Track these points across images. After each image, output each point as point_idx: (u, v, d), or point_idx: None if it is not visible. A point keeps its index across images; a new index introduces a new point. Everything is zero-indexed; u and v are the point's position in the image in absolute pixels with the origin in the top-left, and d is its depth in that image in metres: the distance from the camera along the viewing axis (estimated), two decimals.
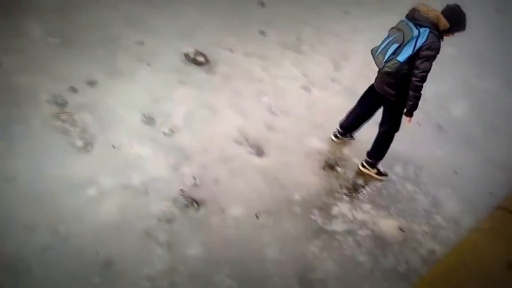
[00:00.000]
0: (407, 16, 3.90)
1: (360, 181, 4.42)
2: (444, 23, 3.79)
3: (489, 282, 3.49)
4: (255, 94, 5.02)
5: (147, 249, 3.43)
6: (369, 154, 4.52)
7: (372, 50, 4.04)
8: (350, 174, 4.46)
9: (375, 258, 3.82)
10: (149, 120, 4.33)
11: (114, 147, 3.99)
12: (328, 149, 4.64)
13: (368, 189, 4.37)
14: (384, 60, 3.89)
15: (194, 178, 3.99)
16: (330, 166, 4.48)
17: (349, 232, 3.95)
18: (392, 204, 4.31)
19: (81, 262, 3.18)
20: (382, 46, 3.93)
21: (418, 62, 3.78)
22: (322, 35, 6.32)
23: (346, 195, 4.24)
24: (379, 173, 4.53)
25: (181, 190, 3.87)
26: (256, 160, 4.33)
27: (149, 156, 4.03)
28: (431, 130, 5.36)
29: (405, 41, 3.79)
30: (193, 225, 3.68)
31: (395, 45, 3.83)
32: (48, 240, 3.20)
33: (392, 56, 3.85)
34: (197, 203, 3.82)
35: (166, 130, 4.31)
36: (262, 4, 6.52)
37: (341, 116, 4.85)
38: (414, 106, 3.96)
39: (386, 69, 3.91)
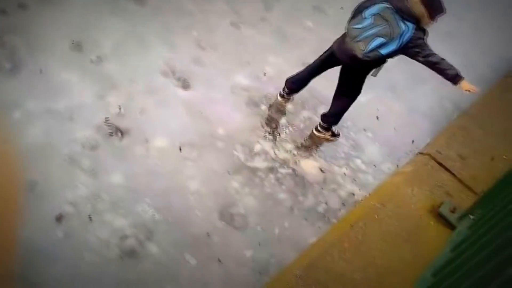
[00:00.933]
0: (392, 4, 3.66)
1: (283, 121, 4.52)
2: (426, 20, 3.71)
3: (408, 224, 3.65)
4: (184, 28, 5.00)
5: (71, 174, 3.47)
6: (326, 119, 4.45)
7: (348, 30, 3.83)
8: (274, 113, 4.55)
9: (295, 196, 3.97)
10: (77, 47, 4.28)
11: (41, 72, 3.94)
12: (254, 87, 4.71)
13: (290, 129, 4.47)
14: (366, 51, 3.73)
15: (120, 107, 4.00)
16: (254, 103, 4.56)
17: (271, 170, 4.07)
18: (313, 145, 4.44)
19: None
20: (364, 34, 3.71)
21: (420, 55, 3.79)
22: None
23: (269, 133, 4.35)
24: (333, 134, 4.55)
25: (106, 118, 3.89)
26: (182, 93, 4.37)
27: (76, 82, 4.00)
28: None
29: (392, 36, 3.66)
30: (117, 153, 3.72)
31: (381, 40, 3.68)
32: None
33: (375, 49, 3.72)
34: (121, 132, 3.85)
35: (94, 58, 4.27)
36: None
37: (269, 55, 4.93)
38: (454, 69, 3.93)
39: (365, 58, 3.77)
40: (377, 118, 5.00)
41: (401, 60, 5.90)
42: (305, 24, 5.78)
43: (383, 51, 3.71)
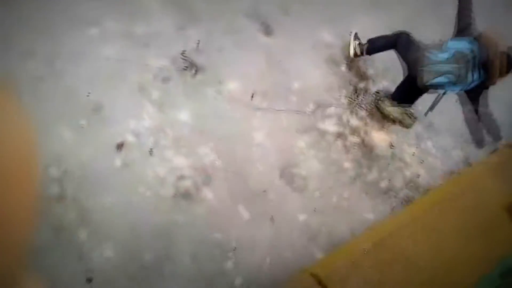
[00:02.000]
0: (478, 49, 3.46)
1: (361, 86, 4.33)
2: (495, 78, 3.47)
3: (484, 217, 3.47)
4: None
5: (138, 103, 3.39)
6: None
7: (423, 53, 3.65)
8: (353, 76, 4.36)
9: (360, 167, 3.83)
10: None
11: None
12: (337, 45, 4.50)
13: (368, 96, 4.29)
14: (427, 83, 3.61)
15: (198, 42, 3.87)
16: (335, 62, 4.36)
17: (340, 135, 3.93)
18: (388, 117, 4.25)
19: (71, 101, 3.13)
20: (436, 68, 3.54)
21: (469, 104, 3.67)
22: None
23: (344, 96, 4.17)
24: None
25: (183, 51, 3.76)
26: (263, 38, 4.19)
27: (158, 9, 3.87)
28: None
29: (460, 80, 3.51)
30: (188, 90, 3.62)
31: (448, 79, 3.53)
32: (42, 71, 3.12)
33: (437, 85, 3.62)
34: (196, 68, 3.73)
35: None
36: None
37: (358, 15, 4.70)
38: (481, 136, 3.84)
39: (421, 87, 3.68)
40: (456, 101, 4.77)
41: None
42: None
43: (445, 88, 3.62)
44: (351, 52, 4.22)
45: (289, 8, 4.53)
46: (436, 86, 3.63)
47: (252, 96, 3.79)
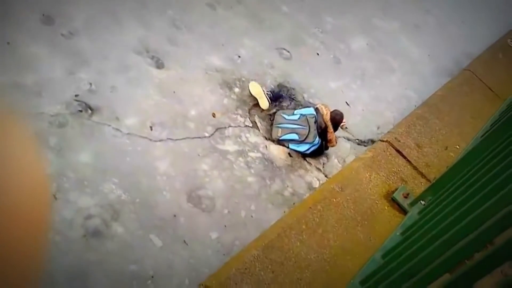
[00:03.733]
0: (317, 117, 4.37)
1: (255, 105, 4.50)
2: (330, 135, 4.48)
3: (364, 208, 3.75)
4: (160, 6, 4.93)
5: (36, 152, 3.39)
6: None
7: (276, 114, 4.44)
8: (247, 98, 4.53)
9: (263, 180, 3.97)
10: (48, 20, 4.17)
11: (9, 44, 3.84)
12: (227, 69, 4.67)
13: (262, 113, 4.47)
14: (279, 138, 4.33)
15: (90, 84, 3.93)
16: (228, 85, 4.53)
17: (241, 153, 4.06)
18: None
19: None
20: (286, 124, 4.31)
21: None
22: None
23: (240, 116, 4.33)
24: None
25: (76, 94, 3.81)
26: (155, 72, 4.30)
27: (45, 57, 3.91)
28: (328, 61, 5.51)
29: (306, 140, 4.29)
30: (86, 131, 3.66)
31: (295, 137, 4.29)
32: None
33: (287, 141, 4.35)
34: (91, 109, 3.78)
35: (65, 32, 4.16)
36: None
37: (244, 38, 4.90)
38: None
39: (275, 140, 4.41)
40: (347, 104, 5.03)
41: (372, 50, 5.98)
42: (281, 9, 5.77)
43: (292, 146, 4.28)
44: (266, 104, 4.49)
45: (176, 39, 4.67)
46: (287, 141, 4.27)
47: (151, 129, 3.87)
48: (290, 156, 4.25)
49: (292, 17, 5.69)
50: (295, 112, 4.33)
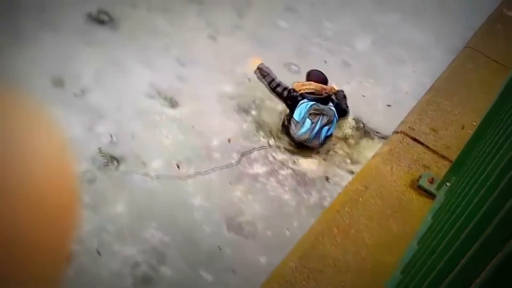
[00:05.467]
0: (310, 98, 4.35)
1: (275, 122, 4.50)
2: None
3: (392, 201, 3.75)
4: (162, 47, 4.98)
5: None
6: None
7: (298, 138, 4.33)
8: (265, 117, 4.53)
9: (299, 195, 3.94)
10: (58, 82, 4.24)
11: None
12: (240, 94, 4.69)
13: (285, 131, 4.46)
14: (320, 144, 4.38)
15: (111, 135, 3.96)
16: (244, 109, 4.54)
17: (271, 173, 4.05)
18: None
19: None
20: (313, 133, 4.26)
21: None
22: None
23: (263, 137, 4.33)
24: None
25: (99, 148, 3.85)
26: (170, 111, 4.33)
27: (62, 118, 3.96)
28: (337, 66, 5.49)
29: (331, 120, 4.35)
30: (116, 182, 3.68)
31: (327, 127, 4.31)
32: None
33: (326, 137, 4.39)
34: (116, 160, 3.81)
35: (77, 91, 4.23)
36: None
37: (250, 60, 4.93)
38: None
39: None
40: (363, 96, 5.02)
41: (378, 46, 5.97)
42: (280, 24, 5.78)
43: (330, 132, 4.35)
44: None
45: (184, 75, 4.72)
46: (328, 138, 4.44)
47: (178, 167, 3.89)
48: (322, 166, 4.22)
49: (292, 31, 5.71)
50: (299, 119, 4.27)
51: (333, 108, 4.35)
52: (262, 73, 4.50)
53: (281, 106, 4.58)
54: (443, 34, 6.33)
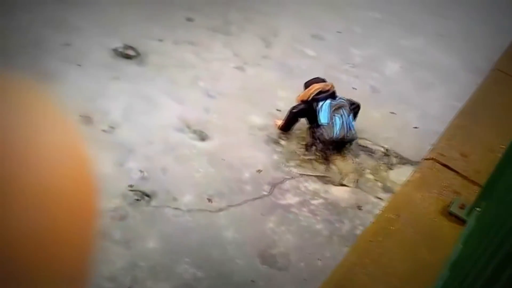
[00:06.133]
0: (329, 97, 4.54)
1: (306, 153, 4.46)
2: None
3: (423, 228, 3.73)
4: (190, 80, 5.00)
5: (104, 249, 3.39)
6: None
7: (337, 137, 4.43)
8: (295, 147, 4.50)
9: (332, 224, 3.88)
10: (86, 119, 4.26)
11: None
12: (269, 124, 4.66)
13: (315, 160, 4.42)
14: (355, 132, 4.56)
15: (141, 171, 3.95)
16: (273, 140, 4.51)
17: (303, 203, 3.99)
18: (340, 170, 4.38)
19: None
20: (346, 127, 4.43)
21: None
22: (249, 15, 6.32)
23: (293, 167, 4.28)
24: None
25: (130, 185, 3.84)
26: (200, 144, 4.32)
27: (92, 155, 3.95)
28: (366, 93, 5.45)
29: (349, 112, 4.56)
30: (147, 218, 3.66)
31: (351, 118, 4.55)
32: None
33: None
34: (147, 195, 3.79)
35: (106, 127, 4.25)
36: None
37: (278, 90, 4.91)
38: None
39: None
40: (396, 129, 4.95)
41: (406, 70, 5.92)
42: (307, 53, 5.80)
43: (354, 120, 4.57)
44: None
45: (213, 107, 4.72)
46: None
47: (209, 200, 3.85)
48: (353, 194, 4.15)
49: (320, 59, 5.70)
50: (329, 119, 4.39)
51: (344, 99, 4.58)
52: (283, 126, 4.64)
53: (308, 136, 4.56)
54: (470, 57, 6.28)
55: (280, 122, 4.61)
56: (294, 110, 4.49)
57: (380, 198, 4.18)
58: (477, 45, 6.62)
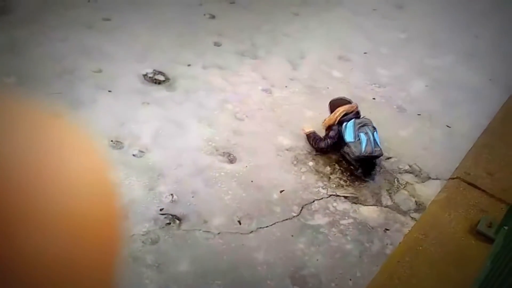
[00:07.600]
0: (351, 117, 4.60)
1: (333, 173, 4.47)
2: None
3: (451, 248, 3.72)
4: (218, 103, 5.06)
5: (136, 273, 3.44)
6: None
7: (365, 155, 4.45)
8: (323, 167, 4.51)
9: (362, 244, 3.88)
10: (117, 144, 4.34)
11: None
12: (297, 145, 4.69)
13: (343, 179, 4.43)
14: (382, 147, 4.55)
15: (171, 194, 4.00)
16: (301, 161, 4.53)
17: (332, 224, 4.00)
18: (368, 189, 4.38)
19: None
20: (373, 142, 4.45)
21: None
22: (276, 38, 6.37)
23: (322, 188, 4.29)
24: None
25: (161, 209, 3.88)
26: (229, 167, 4.36)
27: (123, 180, 4.03)
28: (393, 112, 5.44)
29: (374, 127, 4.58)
30: (178, 241, 3.69)
31: (376, 133, 4.55)
32: None
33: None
34: (178, 219, 3.84)
35: (136, 152, 4.31)
36: (213, 16, 6.55)
37: (306, 111, 4.94)
38: None
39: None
40: (424, 149, 4.93)
41: (433, 89, 5.89)
42: (333, 74, 5.81)
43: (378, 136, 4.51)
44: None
45: (241, 130, 4.76)
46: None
47: (239, 222, 3.88)
48: (383, 213, 4.14)
49: (346, 80, 5.72)
50: (355, 137, 4.44)
51: (367, 117, 4.59)
52: (309, 138, 4.68)
53: (335, 155, 4.58)
54: (497, 74, 6.24)
55: (308, 130, 4.70)
56: (331, 136, 4.60)
57: (409, 217, 4.16)
58: (506, 62, 6.56)
